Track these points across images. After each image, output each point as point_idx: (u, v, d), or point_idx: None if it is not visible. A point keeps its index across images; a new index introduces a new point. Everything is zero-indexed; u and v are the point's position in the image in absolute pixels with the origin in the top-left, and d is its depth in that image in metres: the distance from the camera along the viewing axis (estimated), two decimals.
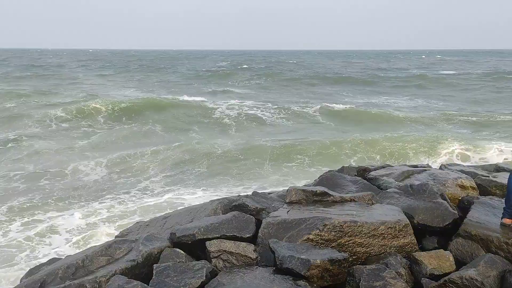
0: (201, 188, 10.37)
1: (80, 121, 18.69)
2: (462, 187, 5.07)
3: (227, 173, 11.68)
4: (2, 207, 9.10)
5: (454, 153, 12.66)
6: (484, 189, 5.18)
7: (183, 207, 6.79)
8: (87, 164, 12.37)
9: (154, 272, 3.49)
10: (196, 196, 9.50)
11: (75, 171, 11.86)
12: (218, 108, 20.58)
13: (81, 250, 5.49)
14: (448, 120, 18.26)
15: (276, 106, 21.32)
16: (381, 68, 54.66)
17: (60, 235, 7.76)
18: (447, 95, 27.92)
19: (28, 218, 8.53)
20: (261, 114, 19.86)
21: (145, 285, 3.29)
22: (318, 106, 21.21)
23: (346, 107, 21.34)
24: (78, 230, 7.91)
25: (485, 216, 4.23)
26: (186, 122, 18.75)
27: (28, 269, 4.94)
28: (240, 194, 5.20)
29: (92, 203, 9.46)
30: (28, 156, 13.25)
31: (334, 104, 21.87)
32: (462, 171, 5.65)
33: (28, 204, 9.31)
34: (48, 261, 4.91)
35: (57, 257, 5.63)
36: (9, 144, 14.52)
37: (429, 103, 24.59)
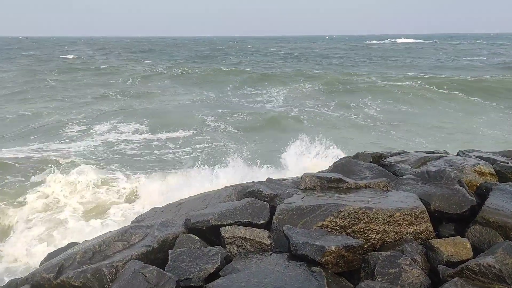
0: None
1: None
2: (480, 173, 4.99)
3: None
4: None
5: None
6: (503, 175, 5.09)
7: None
8: None
9: (169, 257, 3.53)
10: None
11: None
12: None
13: None
14: None
15: None
16: None
17: None
18: None
19: None
20: None
21: (161, 270, 3.33)
22: None
23: None
24: None
25: (504, 202, 4.15)
26: None
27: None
28: (254, 181, 5.20)
29: None
30: None
31: None
32: (481, 157, 5.54)
33: None
34: (66, 245, 5.02)
35: (75, 241, 5.74)
36: None
37: None
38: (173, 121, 17.96)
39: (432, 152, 6.21)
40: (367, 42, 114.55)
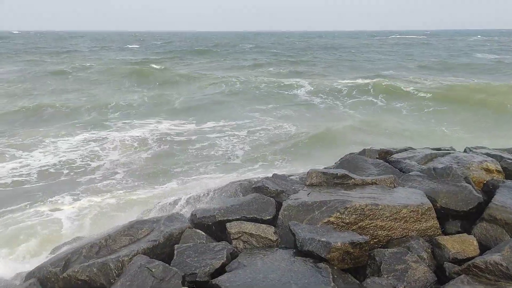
0: None
1: None
2: (487, 170, 4.95)
3: None
4: None
5: None
6: (510, 172, 5.05)
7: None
8: None
9: (175, 252, 3.54)
10: None
11: None
12: None
13: None
14: None
15: None
16: None
17: None
18: None
19: None
20: None
21: (167, 264, 3.34)
22: None
23: None
24: None
25: (511, 200, 4.13)
26: None
27: None
28: (260, 176, 5.20)
29: None
30: None
31: None
32: (488, 154, 5.51)
33: None
34: (72, 239, 5.04)
35: (80, 235, 5.76)
36: None
37: None
38: (215, 113, 17.41)
39: (439, 149, 6.18)
40: (376, 38, 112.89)
